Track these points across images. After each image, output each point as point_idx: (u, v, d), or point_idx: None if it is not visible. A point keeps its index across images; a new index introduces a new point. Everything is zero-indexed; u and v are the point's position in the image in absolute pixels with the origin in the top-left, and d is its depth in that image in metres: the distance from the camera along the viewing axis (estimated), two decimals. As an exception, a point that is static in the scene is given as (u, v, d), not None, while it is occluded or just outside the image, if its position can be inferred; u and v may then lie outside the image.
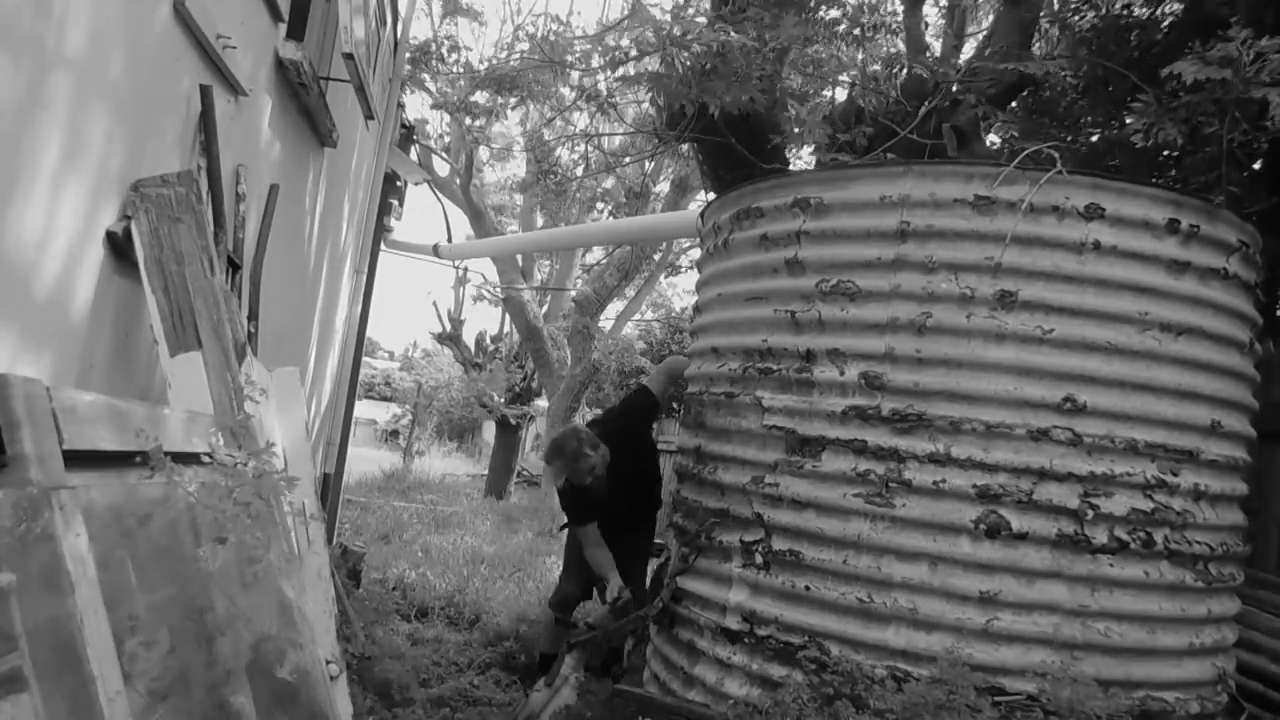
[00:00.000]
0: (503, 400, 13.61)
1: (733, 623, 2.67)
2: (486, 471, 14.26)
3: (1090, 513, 2.36)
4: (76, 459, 1.19)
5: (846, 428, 2.54)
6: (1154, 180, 3.41)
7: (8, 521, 1.08)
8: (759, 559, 2.64)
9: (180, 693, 1.48)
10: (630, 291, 13.72)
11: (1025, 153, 2.52)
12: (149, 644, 1.35)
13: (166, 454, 1.47)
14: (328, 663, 2.25)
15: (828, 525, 2.51)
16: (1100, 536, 2.37)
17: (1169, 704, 2.40)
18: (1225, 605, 2.61)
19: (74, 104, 1.84)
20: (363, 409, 21.59)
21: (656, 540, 3.57)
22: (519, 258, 11.67)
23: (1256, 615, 3.04)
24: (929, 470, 2.42)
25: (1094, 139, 4.14)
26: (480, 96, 8.68)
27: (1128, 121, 3.56)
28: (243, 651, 1.84)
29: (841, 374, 2.57)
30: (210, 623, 1.71)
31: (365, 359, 9.77)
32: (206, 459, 1.78)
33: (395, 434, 23.85)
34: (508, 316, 13.22)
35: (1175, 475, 2.45)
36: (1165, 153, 3.63)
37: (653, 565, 4.00)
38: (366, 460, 14.71)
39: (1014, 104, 4.40)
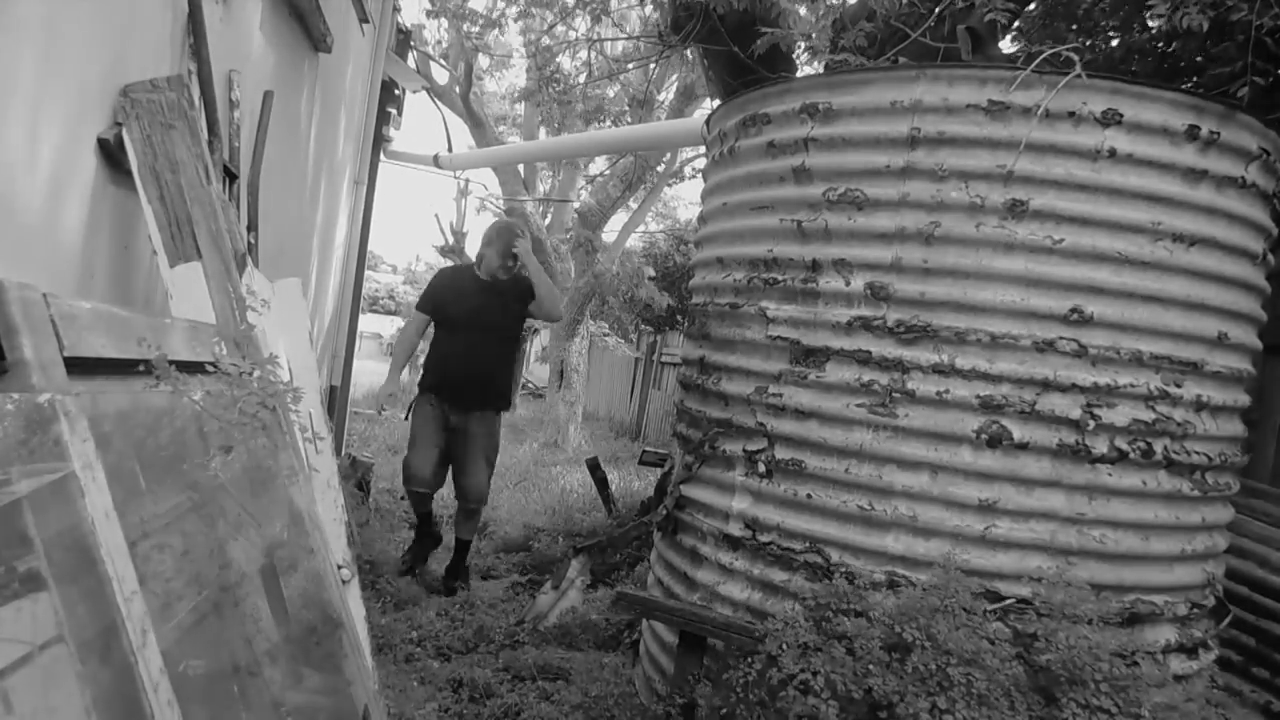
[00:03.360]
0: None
1: (735, 529, 2.72)
2: (491, 384, 14.31)
3: (1092, 423, 2.37)
4: (78, 366, 1.19)
5: (851, 338, 2.53)
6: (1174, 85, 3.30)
7: (19, 430, 1.09)
8: (762, 468, 2.68)
9: (196, 594, 1.52)
10: (634, 203, 13.55)
11: (1043, 55, 2.43)
12: (162, 547, 1.38)
13: (170, 362, 1.47)
14: (339, 567, 2.30)
15: (830, 435, 2.54)
16: (1100, 446, 2.39)
17: (1158, 607, 2.46)
18: (1219, 513, 2.65)
19: (50, 4, 1.77)
20: (367, 322, 21.61)
21: (659, 450, 3.62)
22: (521, 168, 11.48)
23: (1248, 523, 3.10)
24: (933, 381, 2.43)
25: (1113, 44, 3.99)
26: (478, 3, 8.38)
27: (1149, 20, 3.42)
28: (255, 556, 1.89)
29: (847, 284, 2.55)
30: (222, 529, 1.75)
31: (368, 272, 9.73)
32: (211, 368, 1.79)
33: (400, 348, 23.91)
34: (510, 229, 13.05)
35: (1179, 386, 2.45)
36: (1187, 56, 3.51)
37: (656, 474, 4.06)
38: (373, 373, 14.80)
39: (1031, 5, 4.22)
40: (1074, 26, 3.97)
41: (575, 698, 3.14)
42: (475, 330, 4.38)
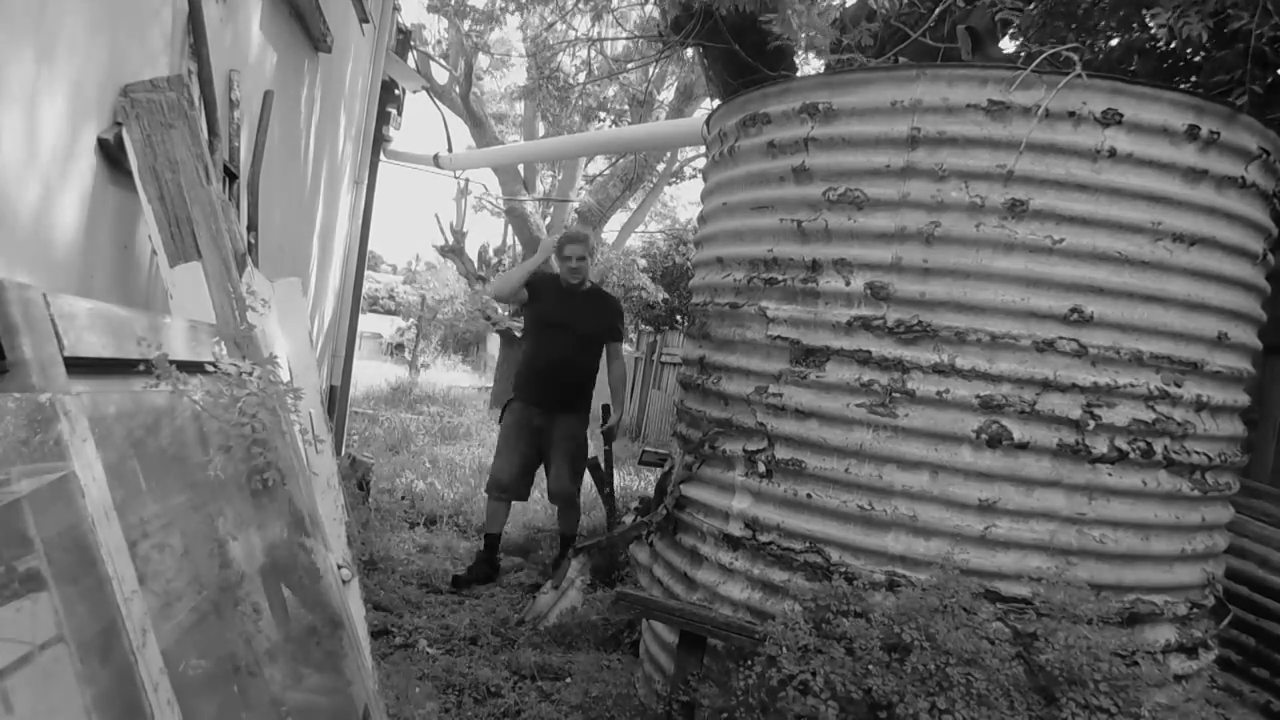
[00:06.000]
0: (506, 313, 13.60)
1: (735, 529, 2.72)
2: (491, 384, 14.38)
3: (1092, 423, 2.37)
4: (78, 366, 1.19)
5: (851, 338, 2.53)
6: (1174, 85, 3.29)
7: (19, 430, 1.09)
8: (762, 467, 2.68)
9: (196, 593, 1.52)
10: (633, 203, 13.55)
11: (1043, 55, 2.43)
12: (162, 547, 1.38)
13: (171, 362, 1.47)
14: (340, 567, 2.30)
15: (830, 435, 2.54)
16: (1100, 446, 2.39)
17: (1158, 607, 2.46)
18: (1219, 513, 2.65)
19: (50, 4, 1.77)
20: (367, 322, 21.60)
21: (659, 450, 3.62)
22: (521, 168, 11.48)
23: (1248, 523, 3.10)
24: (933, 380, 2.43)
25: (1113, 44, 3.99)
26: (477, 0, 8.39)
27: (1149, 23, 3.42)
28: (256, 556, 1.89)
29: (847, 284, 2.55)
30: (222, 528, 1.75)
31: (368, 272, 9.71)
32: (211, 368, 1.79)
33: (400, 347, 23.96)
34: (510, 228, 13.09)
35: (1179, 386, 2.45)
36: (1186, 55, 3.51)
37: (656, 474, 4.06)
38: (372, 373, 14.82)
39: (1031, 5, 4.22)
40: (1074, 26, 3.96)
41: (575, 698, 3.14)
42: (569, 333, 4.62)
